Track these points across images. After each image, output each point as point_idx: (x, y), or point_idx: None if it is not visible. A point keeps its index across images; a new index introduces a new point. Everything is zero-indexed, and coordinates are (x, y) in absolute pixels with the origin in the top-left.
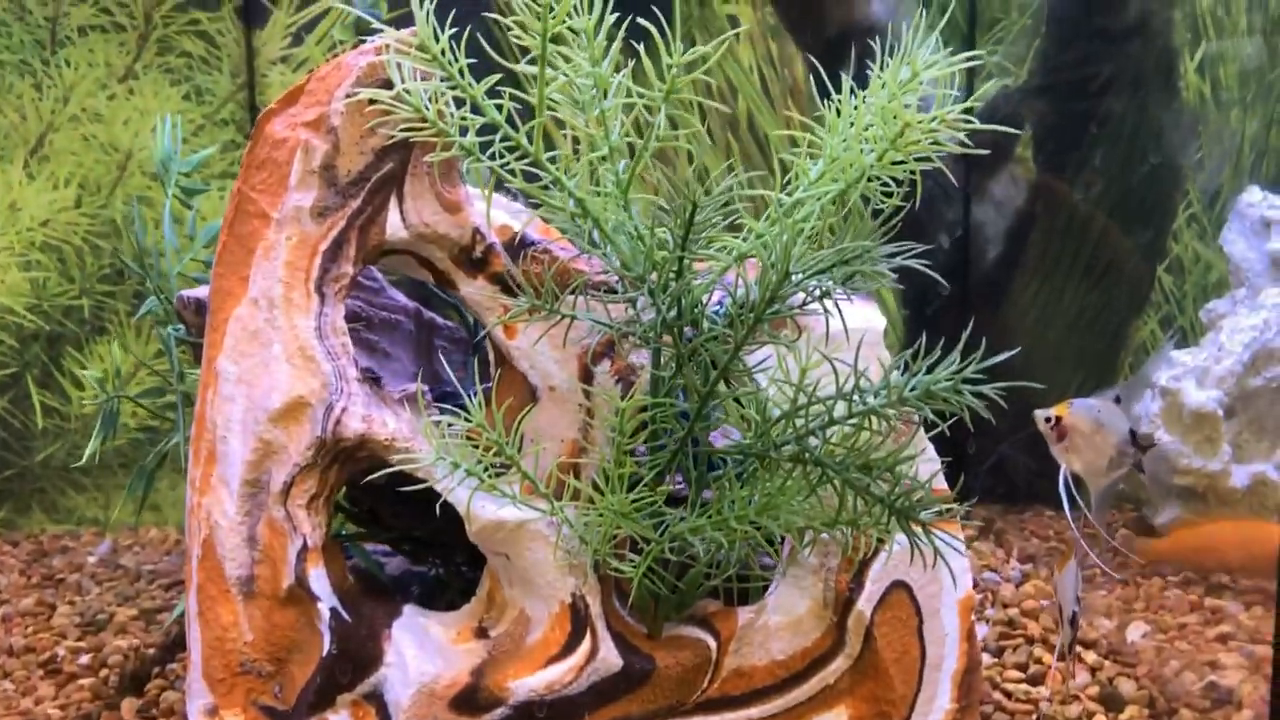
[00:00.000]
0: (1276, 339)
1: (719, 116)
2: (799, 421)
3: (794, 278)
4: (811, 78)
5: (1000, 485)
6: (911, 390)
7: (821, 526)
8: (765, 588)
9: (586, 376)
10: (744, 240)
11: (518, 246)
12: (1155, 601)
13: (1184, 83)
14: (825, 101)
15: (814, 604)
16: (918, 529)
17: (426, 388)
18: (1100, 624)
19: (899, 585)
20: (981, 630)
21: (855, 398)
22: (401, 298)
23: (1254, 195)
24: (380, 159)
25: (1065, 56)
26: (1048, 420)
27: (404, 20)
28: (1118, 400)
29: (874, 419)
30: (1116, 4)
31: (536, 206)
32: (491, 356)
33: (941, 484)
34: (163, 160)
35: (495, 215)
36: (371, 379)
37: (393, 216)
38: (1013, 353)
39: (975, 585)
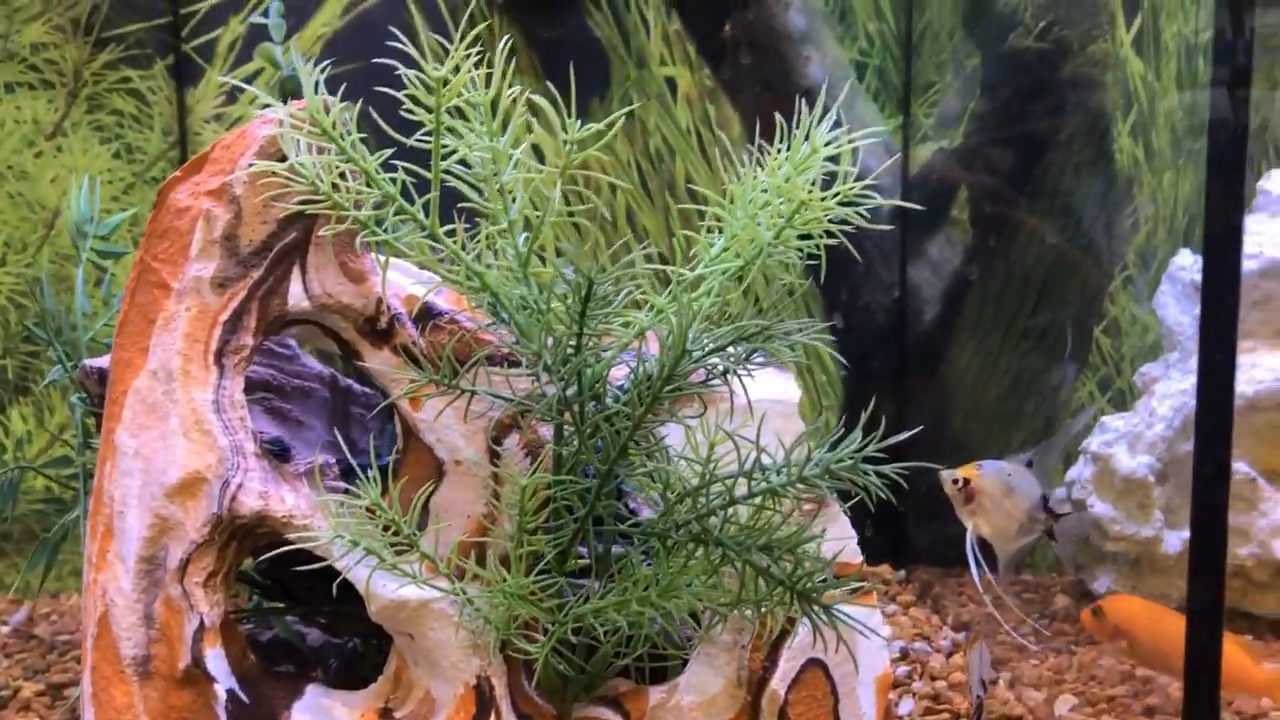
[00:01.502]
0: None
1: (658, 178)
2: (700, 500)
3: (692, 355)
4: (722, 150)
5: (939, 547)
6: (812, 468)
7: (722, 608)
8: (685, 664)
9: (495, 450)
10: (646, 315)
11: (424, 317)
12: (1086, 672)
13: (1117, 146)
14: (729, 175)
15: (728, 683)
16: (821, 610)
17: (334, 459)
18: (1029, 696)
19: (814, 663)
20: (906, 706)
21: (757, 476)
22: (316, 364)
23: (1185, 259)
24: (283, 228)
25: (1000, 119)
26: (955, 482)
27: (334, 81)
28: (1030, 464)
29: (780, 497)
30: (1050, 68)
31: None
32: (398, 429)
33: (854, 557)
34: (78, 223)
35: (403, 284)
36: (274, 452)
37: (295, 287)
38: (914, 432)
39: (905, 655)
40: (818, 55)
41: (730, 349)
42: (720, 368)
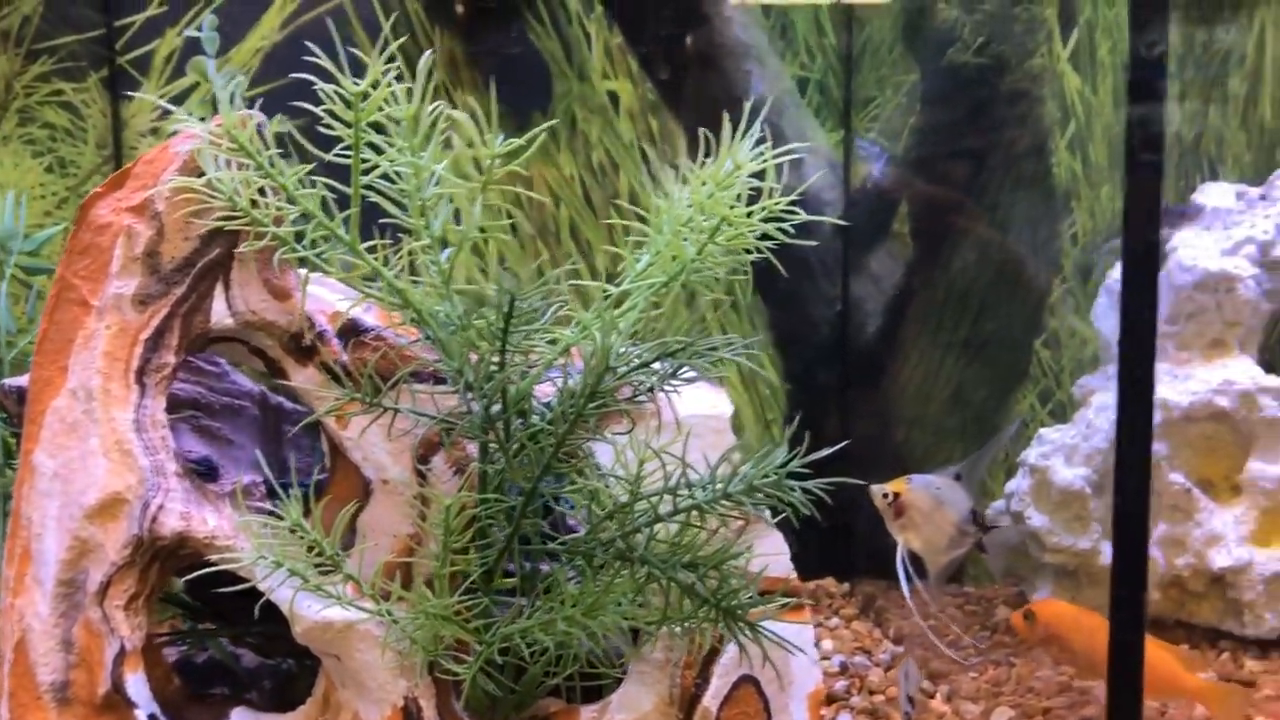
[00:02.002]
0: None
1: (602, 191)
2: (626, 518)
3: (616, 371)
4: (651, 166)
5: (883, 561)
6: (737, 485)
7: (649, 627)
8: (619, 682)
9: (422, 469)
10: (572, 332)
11: (349, 333)
12: (1025, 684)
13: (1055, 160)
14: (657, 191)
15: (660, 701)
16: (747, 627)
17: (262, 479)
18: (966, 709)
19: (747, 680)
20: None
21: (682, 492)
22: (247, 382)
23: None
24: (206, 245)
25: (939, 134)
26: (885, 496)
27: (273, 95)
28: (958, 478)
29: (704, 513)
30: (989, 83)
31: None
32: (326, 448)
33: (786, 573)
34: (2, 239)
35: (330, 301)
36: (201, 472)
37: (219, 304)
38: (840, 446)
39: (845, 669)
40: (760, 70)
41: (656, 365)
42: (647, 384)
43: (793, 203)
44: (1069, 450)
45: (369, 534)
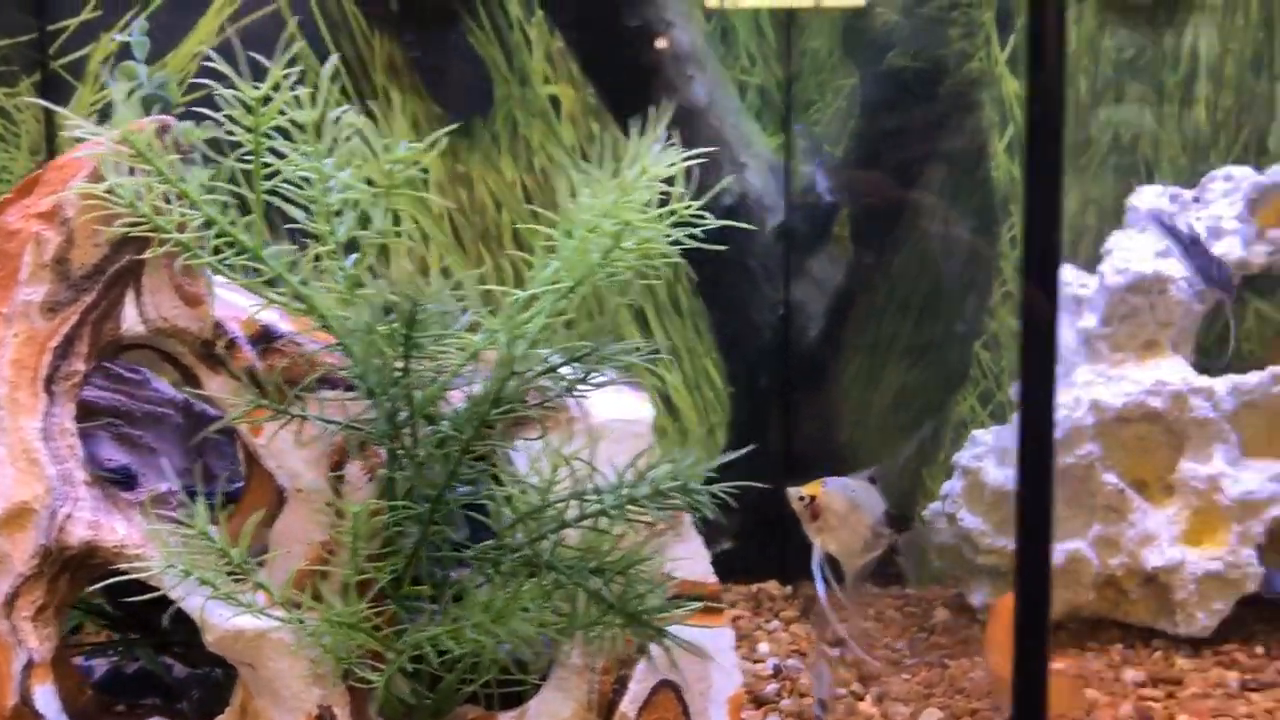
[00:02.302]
0: (1086, 417)
1: (543, 197)
2: (534, 524)
3: (521, 376)
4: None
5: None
6: (643, 489)
7: (555, 634)
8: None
9: (339, 476)
10: (481, 338)
11: (262, 339)
12: (956, 685)
13: (995, 163)
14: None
15: (578, 706)
16: (655, 631)
17: (180, 487)
18: (896, 711)
19: (666, 685)
20: None
21: (590, 498)
22: (169, 390)
23: (1066, 274)
24: (117, 251)
25: (879, 138)
26: (801, 499)
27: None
28: (873, 480)
29: (611, 518)
30: (927, 86)
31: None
32: (241, 456)
33: (706, 578)
34: None
35: (244, 306)
36: (118, 480)
37: (130, 311)
38: (747, 449)
39: (778, 672)
40: (700, 74)
41: (565, 370)
42: (555, 389)
43: (731, 208)
44: (1001, 451)
45: (282, 542)
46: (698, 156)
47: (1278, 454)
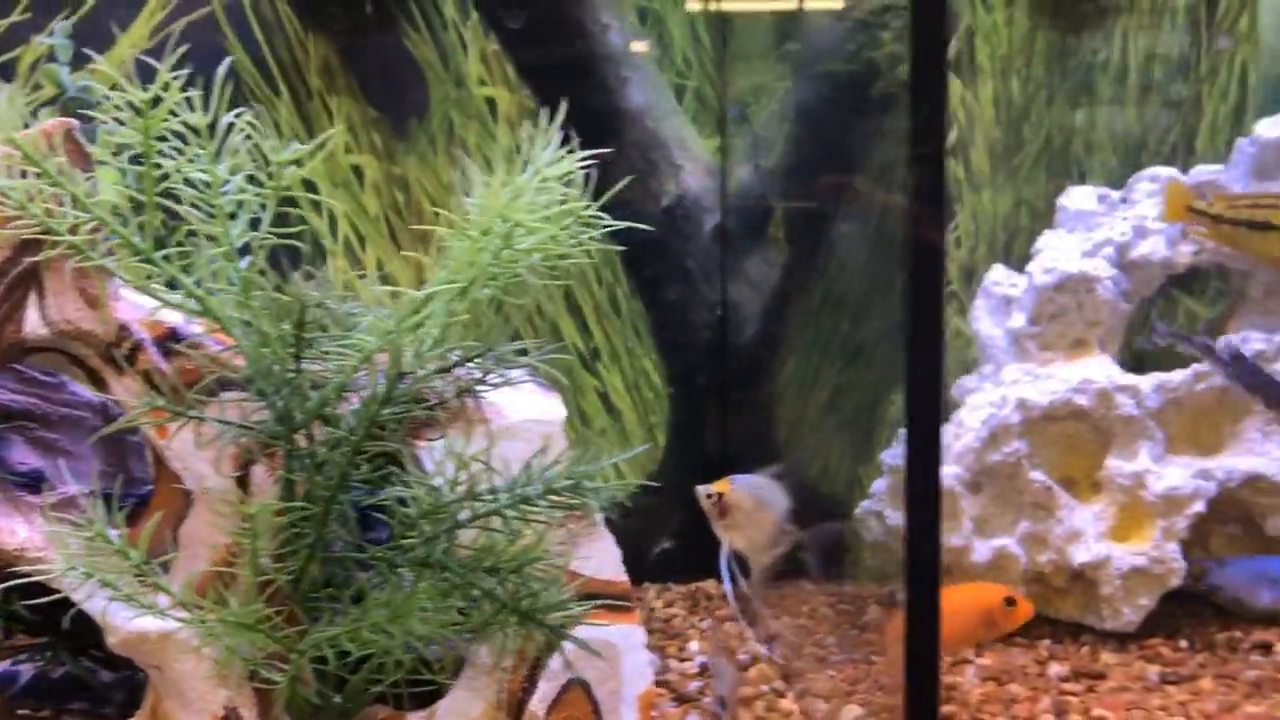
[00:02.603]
0: (1013, 415)
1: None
2: (431, 524)
3: (416, 375)
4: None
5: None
6: (535, 488)
7: (449, 633)
8: None
9: (244, 478)
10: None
11: (168, 341)
12: (881, 681)
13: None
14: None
15: (488, 706)
16: (549, 629)
17: (88, 489)
18: (817, 707)
19: (576, 683)
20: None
21: (485, 498)
22: (86, 393)
23: (998, 274)
24: (18, 254)
25: (815, 140)
26: (709, 496)
27: None
28: (779, 477)
29: (504, 517)
30: (861, 89)
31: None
32: (150, 459)
33: (617, 577)
34: None
35: (151, 308)
36: (26, 483)
37: (32, 314)
38: (644, 448)
39: (704, 670)
40: (636, 76)
41: (461, 370)
42: (449, 389)
43: (668, 210)
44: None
45: (188, 543)
46: (594, 157)
47: (1202, 450)
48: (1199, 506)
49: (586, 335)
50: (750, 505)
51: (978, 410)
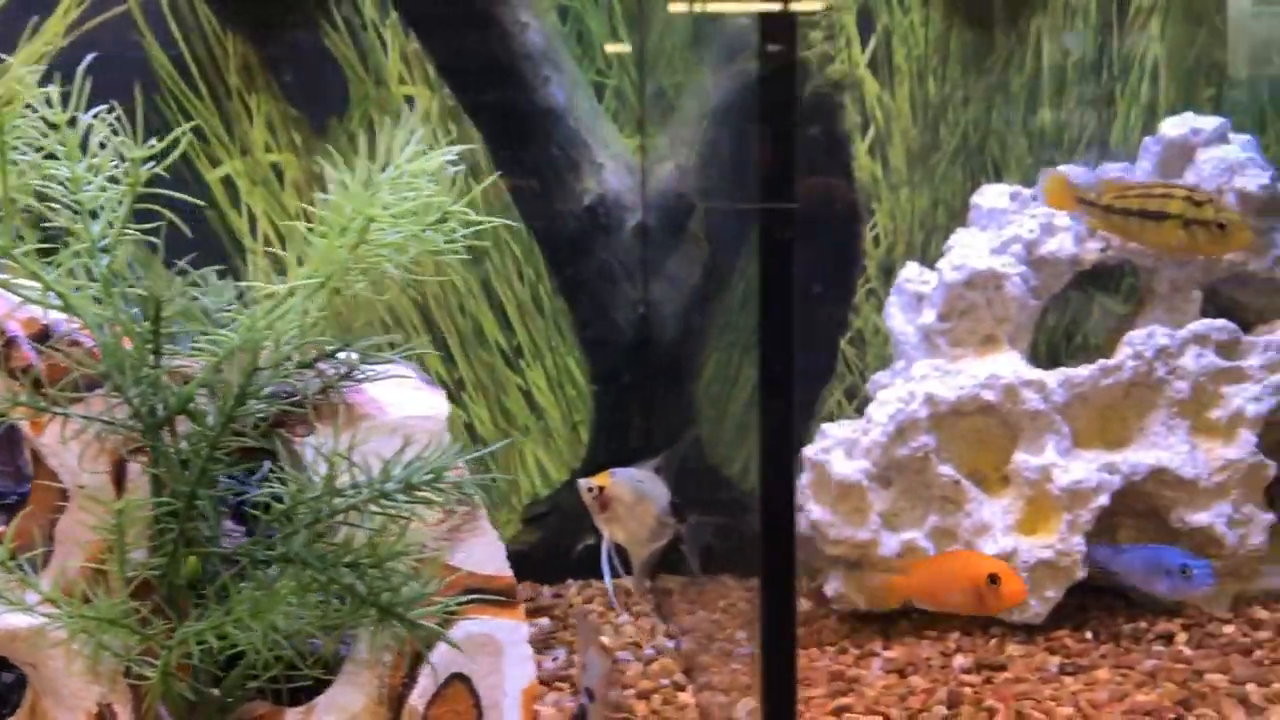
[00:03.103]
0: (920, 410)
1: None
2: (291, 520)
3: (276, 370)
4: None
5: (677, 557)
6: (393, 484)
7: (311, 628)
8: None
9: (121, 474)
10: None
11: (43, 338)
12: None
13: (856, 164)
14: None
15: (369, 700)
16: (416, 624)
17: None
18: (715, 700)
19: (457, 678)
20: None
21: (347, 493)
22: None
23: (910, 271)
24: None
25: (735, 138)
26: (590, 490)
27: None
28: (658, 471)
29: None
30: (786, 90)
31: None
32: (29, 455)
33: (500, 572)
34: None
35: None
36: None
37: None
38: (506, 442)
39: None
40: (557, 75)
41: (322, 364)
42: (315, 384)
43: (590, 208)
44: (849, 444)
45: (64, 540)
46: (460, 157)
47: (1108, 444)
48: (1103, 500)
49: (509, 333)
50: (631, 498)
51: (886, 405)
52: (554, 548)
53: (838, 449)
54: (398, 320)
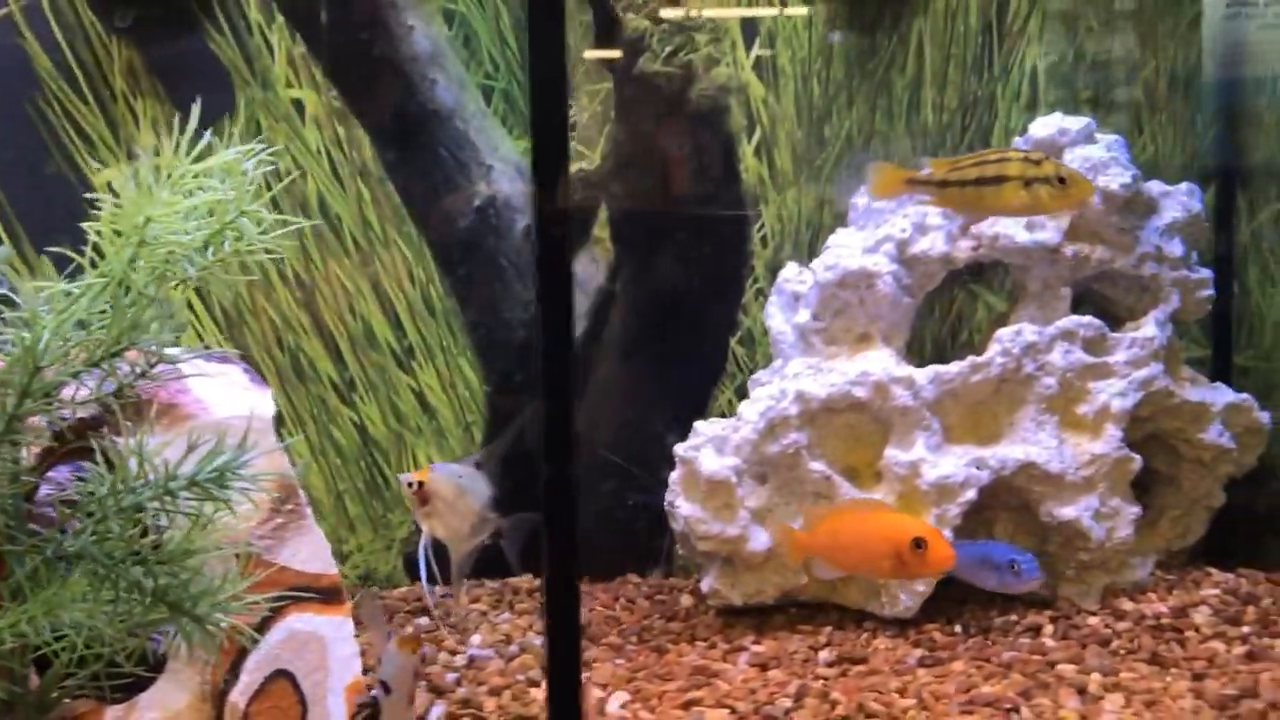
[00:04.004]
0: (791, 407)
1: (290, 198)
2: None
3: (45, 372)
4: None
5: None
6: (180, 483)
7: (101, 625)
8: None
9: None
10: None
11: None
12: (655, 669)
13: (744, 166)
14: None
15: (193, 698)
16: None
17: None
18: (592, 695)
19: (281, 674)
20: (436, 711)
21: (135, 490)
22: None
23: (789, 271)
24: None
25: (634, 141)
26: (410, 485)
27: None
28: (479, 466)
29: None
30: (680, 91)
31: None
32: None
33: (326, 570)
34: None
35: None
36: None
37: None
38: (291, 442)
39: (471, 663)
40: (444, 78)
41: (110, 363)
42: (111, 385)
43: (480, 210)
44: (720, 441)
45: None
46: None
47: (980, 440)
48: (971, 494)
49: (400, 333)
50: (451, 493)
51: (757, 403)
52: (445, 548)
53: (708, 446)
54: (286, 321)
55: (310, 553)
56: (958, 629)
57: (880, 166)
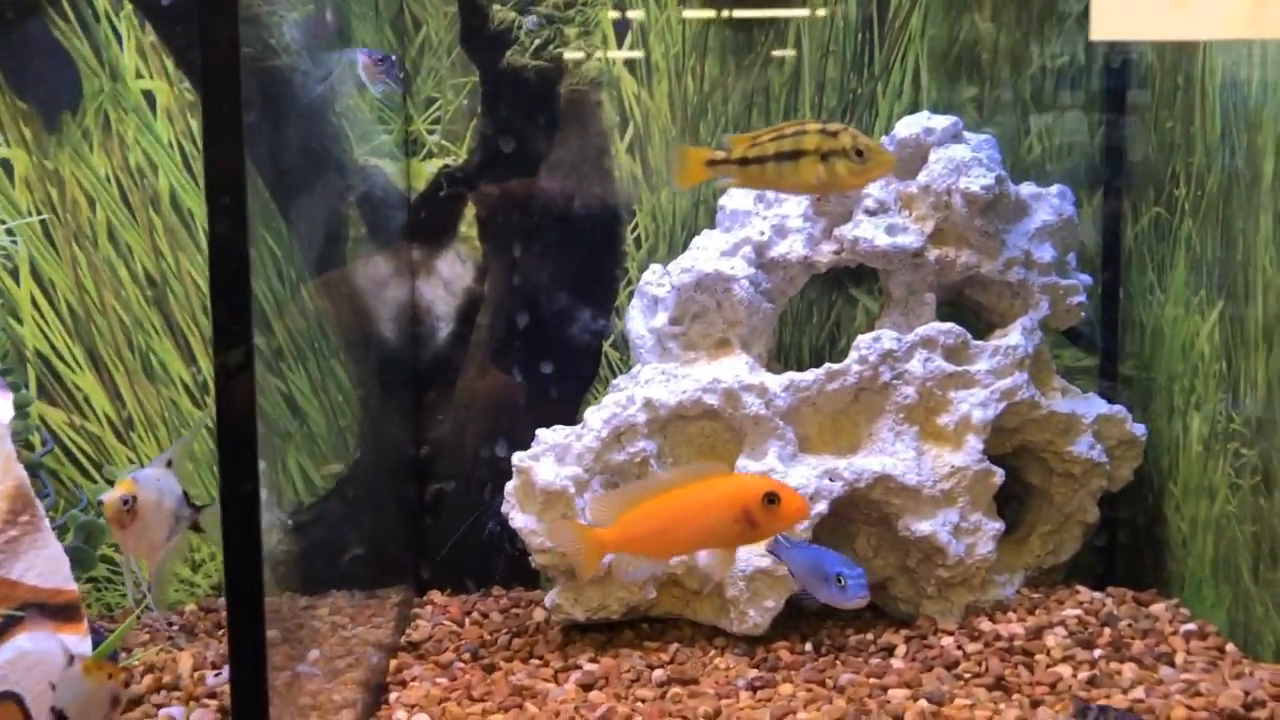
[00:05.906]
0: (639, 414)
1: (140, 193)
2: None
3: None
4: None
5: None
6: None
7: None
8: None
9: None
10: None
11: None
12: (475, 689)
13: (616, 163)
14: None
15: None
16: None
17: None
18: (395, 715)
19: (8, 697)
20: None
21: None
22: None
23: (650, 274)
24: None
25: (503, 137)
26: (125, 502)
27: None
28: (170, 464)
29: None
30: (550, 86)
31: None
32: None
33: (64, 585)
34: None
35: None
36: None
37: None
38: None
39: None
40: (315, 70)
41: None
42: None
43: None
44: (562, 449)
45: None
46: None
47: (840, 450)
48: (821, 507)
49: (269, 334)
50: (155, 499)
51: (603, 410)
52: (315, 558)
53: (548, 455)
54: (137, 322)
55: (47, 567)
56: (808, 647)
57: (680, 148)
